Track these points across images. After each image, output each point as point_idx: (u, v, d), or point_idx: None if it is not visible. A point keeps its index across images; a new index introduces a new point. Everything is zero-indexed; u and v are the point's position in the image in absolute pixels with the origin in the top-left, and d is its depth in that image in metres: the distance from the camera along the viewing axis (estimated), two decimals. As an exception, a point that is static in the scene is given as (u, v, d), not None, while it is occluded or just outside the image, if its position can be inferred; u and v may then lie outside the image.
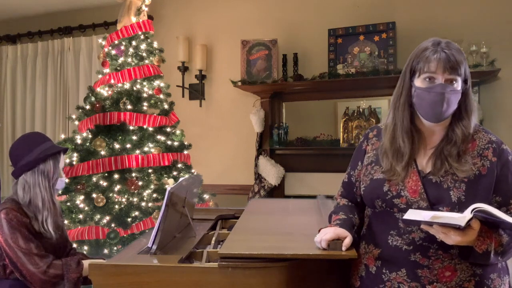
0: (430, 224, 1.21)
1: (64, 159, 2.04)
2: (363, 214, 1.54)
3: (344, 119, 3.92)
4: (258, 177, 4.11)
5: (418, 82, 1.37)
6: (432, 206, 1.33)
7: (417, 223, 1.25)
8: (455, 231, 1.19)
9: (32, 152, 1.91)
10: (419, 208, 1.33)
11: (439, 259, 1.31)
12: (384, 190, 1.39)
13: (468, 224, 1.18)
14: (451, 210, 1.30)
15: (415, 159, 1.41)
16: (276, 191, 4.10)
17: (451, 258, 1.31)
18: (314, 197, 2.44)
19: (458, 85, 1.35)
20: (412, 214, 1.24)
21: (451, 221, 1.18)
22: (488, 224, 1.25)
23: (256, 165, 4.12)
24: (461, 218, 1.18)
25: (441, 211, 1.30)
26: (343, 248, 1.35)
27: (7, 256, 1.84)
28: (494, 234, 1.26)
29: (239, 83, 4.09)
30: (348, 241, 1.36)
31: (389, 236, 1.38)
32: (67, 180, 2.05)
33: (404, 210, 1.35)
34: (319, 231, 1.42)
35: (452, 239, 1.21)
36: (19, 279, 1.85)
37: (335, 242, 1.35)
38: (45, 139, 1.99)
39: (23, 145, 1.95)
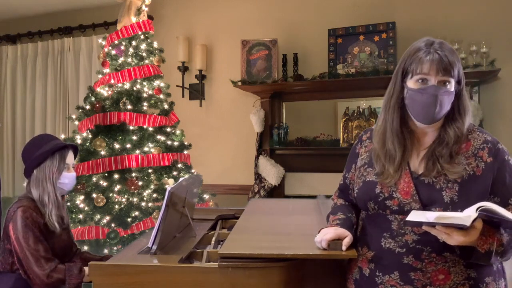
0: (432, 225, 1.19)
1: (73, 157, 2.08)
2: (358, 216, 1.54)
3: (344, 119, 3.92)
4: (258, 177, 4.11)
5: (411, 83, 1.36)
6: (424, 207, 1.31)
7: (420, 224, 1.23)
8: (458, 231, 1.18)
9: (41, 148, 1.98)
10: (411, 209, 1.31)
11: (432, 262, 1.30)
12: (376, 192, 1.38)
13: (472, 223, 1.16)
14: (444, 211, 1.28)
15: (408, 161, 1.39)
16: (276, 191, 4.10)
17: (444, 261, 1.29)
18: (314, 197, 2.44)
19: (451, 86, 1.33)
20: (415, 216, 1.22)
21: (456, 221, 1.16)
22: (490, 223, 1.24)
23: (256, 165, 4.12)
24: (466, 217, 1.15)
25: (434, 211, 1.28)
26: (343, 248, 1.35)
27: (16, 254, 1.87)
28: (496, 234, 1.25)
29: (239, 83, 4.09)
30: (348, 240, 1.36)
31: (382, 239, 1.36)
32: (74, 174, 2.08)
33: (397, 212, 1.34)
34: (319, 231, 1.42)
35: (455, 239, 1.19)
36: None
37: (335, 242, 1.35)
38: (54, 138, 2.07)
39: (33, 144, 2.03)
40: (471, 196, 1.27)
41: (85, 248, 3.02)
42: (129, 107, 3.28)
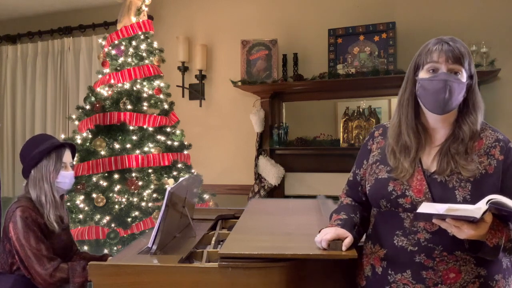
0: (442, 218, 1.19)
1: (70, 156, 2.07)
2: (368, 213, 1.53)
3: (344, 119, 3.92)
4: (258, 177, 4.11)
5: (422, 74, 1.38)
6: None
7: (429, 217, 1.23)
8: (468, 224, 1.18)
9: (38, 148, 1.97)
10: None
11: (443, 260, 1.30)
12: (389, 190, 1.38)
13: (482, 216, 1.16)
14: None
15: (420, 158, 1.40)
16: (276, 191, 4.10)
17: (455, 260, 1.30)
18: (314, 197, 2.44)
19: (463, 77, 1.34)
20: (426, 207, 1.22)
21: (466, 214, 1.16)
22: (499, 217, 1.24)
23: (256, 165, 4.12)
24: (477, 210, 1.16)
25: None
26: (343, 248, 1.34)
27: (17, 254, 1.86)
28: (504, 228, 1.25)
29: (239, 83, 4.10)
30: (348, 241, 1.36)
31: (394, 237, 1.37)
32: (72, 173, 2.07)
33: (409, 210, 1.34)
34: (319, 231, 1.42)
35: (465, 233, 1.19)
36: (24, 276, 1.87)
37: (335, 242, 1.35)
38: (51, 137, 2.06)
39: (30, 144, 2.02)
40: (483, 195, 1.26)
41: (85, 248, 3.02)
42: (129, 107, 3.28)
